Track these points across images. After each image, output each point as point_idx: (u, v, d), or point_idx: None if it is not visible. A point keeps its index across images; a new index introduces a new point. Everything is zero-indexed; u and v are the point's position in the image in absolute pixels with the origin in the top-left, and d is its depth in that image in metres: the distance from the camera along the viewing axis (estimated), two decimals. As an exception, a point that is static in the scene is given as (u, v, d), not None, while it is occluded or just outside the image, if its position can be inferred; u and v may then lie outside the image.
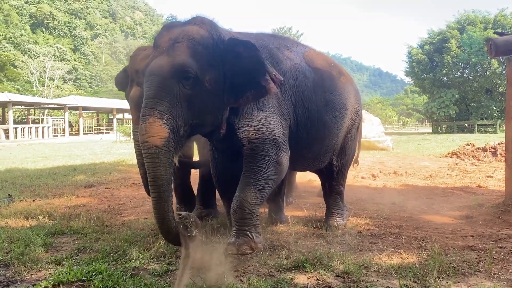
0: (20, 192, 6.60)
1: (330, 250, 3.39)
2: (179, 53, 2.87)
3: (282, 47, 3.67)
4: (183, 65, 2.83)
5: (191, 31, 2.98)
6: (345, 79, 4.14)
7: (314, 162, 4.03)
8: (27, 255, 3.34)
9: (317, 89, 3.67)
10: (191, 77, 2.86)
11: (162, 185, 2.76)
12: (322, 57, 4.09)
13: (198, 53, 2.92)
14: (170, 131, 2.77)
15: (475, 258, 3.21)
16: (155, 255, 3.31)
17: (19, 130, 32.22)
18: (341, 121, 3.97)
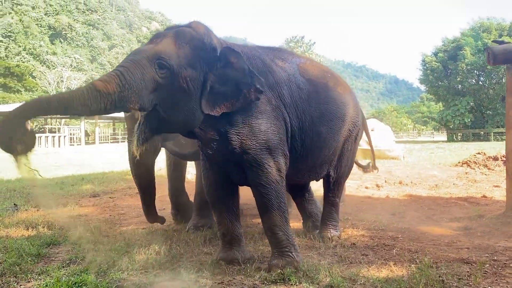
0: (25, 202, 6.70)
1: (319, 262, 3.37)
2: (163, 43, 2.94)
3: (276, 59, 3.66)
4: (161, 53, 2.87)
5: (183, 31, 3.04)
6: (342, 89, 4.10)
7: (310, 174, 4.00)
8: (18, 265, 3.39)
9: (311, 101, 3.64)
10: (166, 67, 2.86)
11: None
12: (318, 67, 4.05)
13: (182, 50, 2.95)
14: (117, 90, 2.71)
15: (466, 271, 3.16)
16: (144, 267, 3.32)
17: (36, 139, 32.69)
18: (337, 132, 3.94)
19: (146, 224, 4.90)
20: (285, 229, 3.33)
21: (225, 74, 3.07)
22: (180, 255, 3.59)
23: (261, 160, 3.24)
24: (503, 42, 4.80)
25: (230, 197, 3.58)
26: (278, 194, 3.30)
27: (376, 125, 15.35)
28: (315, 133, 3.68)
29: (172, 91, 2.91)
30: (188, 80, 2.94)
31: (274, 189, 3.27)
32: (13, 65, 52.62)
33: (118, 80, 2.72)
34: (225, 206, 3.54)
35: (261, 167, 3.24)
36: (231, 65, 3.08)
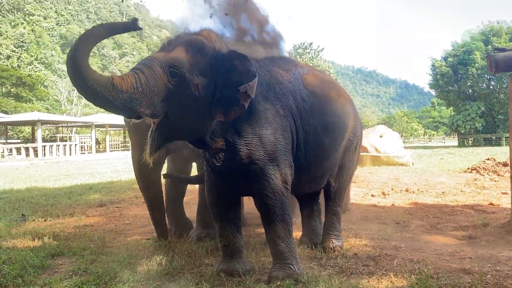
0: (33, 212, 6.78)
1: (319, 274, 3.37)
2: (175, 51, 2.97)
3: (281, 69, 3.67)
4: (173, 60, 2.90)
5: (195, 39, 3.07)
6: (344, 100, 4.13)
7: (311, 185, 4.00)
8: (21, 277, 3.44)
9: (315, 112, 3.66)
10: (178, 75, 2.89)
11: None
12: (320, 78, 4.07)
13: (194, 58, 2.98)
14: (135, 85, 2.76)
15: (467, 282, 3.13)
16: (145, 278, 3.35)
17: (47, 148, 33.10)
18: (339, 143, 3.96)
19: (150, 235, 4.94)
20: (288, 241, 3.32)
21: (230, 78, 3.05)
22: (181, 267, 3.60)
23: (268, 171, 3.25)
24: (504, 49, 4.76)
25: (232, 209, 3.57)
26: (283, 205, 3.30)
27: (385, 131, 15.29)
28: (318, 144, 3.69)
29: (183, 98, 2.94)
30: (199, 88, 2.96)
31: (279, 201, 3.28)
32: (24, 75, 53.35)
33: (133, 81, 2.76)
34: (227, 218, 3.54)
35: (268, 178, 3.25)
36: (235, 68, 3.07)
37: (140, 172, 4.32)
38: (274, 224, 3.28)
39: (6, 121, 34.84)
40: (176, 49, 2.99)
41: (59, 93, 55.88)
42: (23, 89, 49.11)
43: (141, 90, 2.78)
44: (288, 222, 3.33)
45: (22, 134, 45.23)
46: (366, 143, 13.75)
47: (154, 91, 2.83)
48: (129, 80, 2.75)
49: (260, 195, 3.29)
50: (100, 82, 2.67)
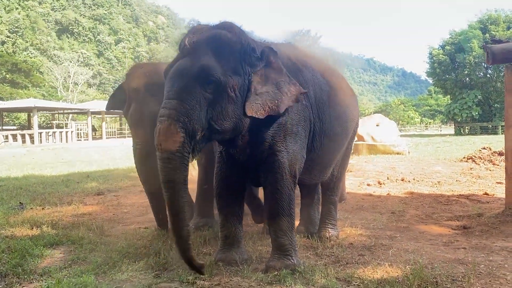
0: (31, 200, 6.79)
1: (316, 263, 3.42)
2: (203, 55, 2.80)
3: (299, 57, 3.63)
4: (206, 68, 2.77)
5: (219, 34, 2.91)
6: (351, 92, 4.24)
7: (320, 174, 3.97)
8: (21, 266, 3.47)
9: (330, 102, 3.67)
10: (214, 81, 2.79)
11: (178, 187, 2.76)
12: (332, 69, 4.12)
13: (223, 57, 2.85)
14: (186, 135, 2.72)
15: (461, 272, 3.19)
16: (143, 267, 3.39)
17: (43, 134, 33.03)
18: (348, 133, 4.05)
19: (148, 224, 4.97)
20: (290, 234, 3.34)
21: (266, 75, 3.04)
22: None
23: (283, 164, 3.23)
24: (501, 41, 4.78)
25: (238, 202, 3.57)
26: (290, 199, 3.30)
27: (381, 120, 15.34)
28: (332, 134, 3.71)
29: (222, 102, 2.86)
30: (235, 88, 2.90)
31: (288, 195, 3.27)
32: (20, 60, 52.91)
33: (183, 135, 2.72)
34: (232, 210, 3.54)
35: (281, 172, 3.23)
36: (271, 65, 3.06)
37: (141, 164, 4.32)
38: (279, 217, 3.27)
39: (2, 107, 34.66)
40: (201, 51, 2.83)
41: (55, 80, 55.58)
42: (19, 75, 48.74)
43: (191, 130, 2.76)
44: (292, 216, 3.35)
45: (18, 121, 45.07)
46: (362, 132, 13.82)
47: (199, 113, 2.78)
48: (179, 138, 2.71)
49: (271, 188, 3.27)
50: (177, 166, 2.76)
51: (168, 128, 2.68)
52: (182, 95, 2.74)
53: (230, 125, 2.96)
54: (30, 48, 73.15)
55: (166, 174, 2.73)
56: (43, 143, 31.77)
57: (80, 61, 66.48)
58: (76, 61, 63.11)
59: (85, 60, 72.36)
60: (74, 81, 55.86)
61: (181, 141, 2.69)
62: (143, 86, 4.20)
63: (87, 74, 60.20)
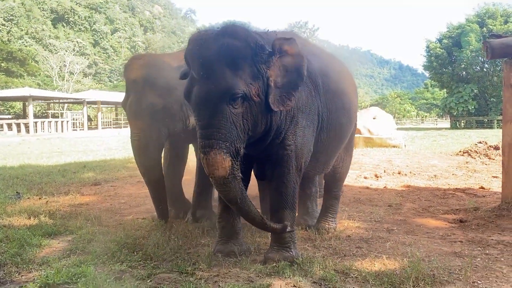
0: (28, 190, 6.78)
1: (314, 255, 3.44)
2: (221, 75, 2.76)
3: (306, 47, 3.58)
4: (230, 88, 2.74)
5: (227, 45, 2.81)
6: (353, 81, 4.22)
7: (324, 166, 3.96)
8: (20, 256, 3.47)
9: (336, 91, 3.66)
10: (239, 97, 2.78)
11: (242, 203, 2.90)
12: (333, 58, 4.11)
13: (239, 69, 2.81)
14: (232, 158, 2.80)
15: (457, 265, 3.22)
16: (142, 258, 3.39)
17: (39, 124, 32.91)
18: (352, 123, 4.05)
19: (146, 214, 4.98)
20: (292, 227, 3.34)
21: (284, 65, 3.03)
22: (178, 247, 3.64)
23: (291, 158, 3.24)
24: (500, 36, 4.79)
25: None
26: (294, 193, 3.33)
27: (378, 113, 15.36)
28: (338, 125, 3.70)
29: (251, 111, 2.88)
30: (259, 92, 2.89)
31: (292, 189, 3.30)
32: (15, 49, 52.48)
33: (230, 159, 2.79)
34: None
35: (289, 166, 3.24)
36: (287, 53, 3.04)
37: (140, 156, 4.31)
38: (282, 210, 3.29)
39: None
40: (217, 68, 2.78)
41: (50, 69, 55.23)
42: (14, 64, 48.37)
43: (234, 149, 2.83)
44: (294, 210, 3.38)
45: (13, 110, 44.80)
46: (359, 125, 13.82)
47: (235, 132, 2.82)
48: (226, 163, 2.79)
49: (277, 181, 3.28)
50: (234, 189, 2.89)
51: (215, 159, 2.75)
52: (215, 121, 2.76)
53: (262, 126, 3.02)
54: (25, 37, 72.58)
55: (228, 197, 2.90)
56: (39, 132, 31.67)
57: (76, 50, 66.07)
58: (72, 50, 62.70)
59: (80, 49, 71.92)
60: (70, 70, 55.55)
61: (229, 165, 2.78)
62: (141, 78, 4.19)
63: (83, 63, 59.88)
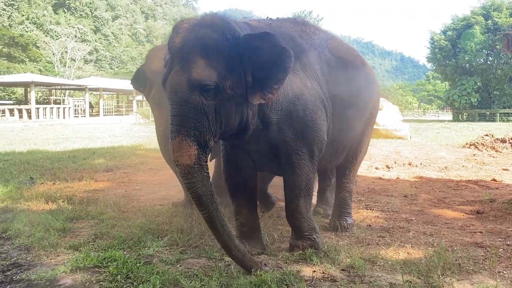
0: (41, 175, 6.81)
1: (338, 243, 3.48)
2: (194, 65, 2.69)
3: (305, 35, 3.49)
4: (201, 79, 2.66)
5: (203, 36, 2.72)
6: (368, 70, 4.01)
7: (332, 158, 3.84)
8: (46, 239, 3.50)
9: (341, 81, 3.51)
10: (211, 88, 2.69)
11: (206, 200, 2.74)
12: (345, 46, 3.97)
13: (213, 60, 2.72)
14: (199, 147, 2.70)
15: (481, 255, 3.26)
16: (168, 243, 3.44)
17: (41, 110, 32.88)
18: (362, 115, 3.86)
19: (163, 201, 5.02)
20: (308, 215, 3.31)
21: (260, 59, 2.86)
22: (202, 233, 3.68)
23: (296, 148, 3.15)
24: (523, 28, 4.81)
25: (251, 186, 3.45)
26: (309, 182, 3.25)
27: (384, 104, 15.34)
28: (344, 116, 3.56)
29: (224, 104, 2.78)
30: (233, 86, 2.78)
31: (305, 177, 3.21)
32: (17, 34, 52.24)
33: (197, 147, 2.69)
34: (245, 194, 3.42)
35: (296, 156, 3.16)
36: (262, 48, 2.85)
37: (165, 145, 4.31)
38: (297, 200, 3.24)
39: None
40: (190, 59, 2.70)
41: (51, 55, 55.00)
42: (16, 49, 48.16)
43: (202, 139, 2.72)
44: (310, 197, 3.33)
45: (15, 96, 44.72)
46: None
47: (205, 123, 2.72)
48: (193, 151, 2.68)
49: (288, 172, 3.23)
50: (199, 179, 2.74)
51: (180, 144, 2.66)
52: (184, 109, 2.69)
53: (237, 121, 2.91)
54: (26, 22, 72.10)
55: (192, 190, 2.73)
56: (40, 118, 31.65)
57: (77, 36, 65.72)
58: (74, 36, 62.40)
59: (82, 35, 71.57)
60: (72, 57, 55.34)
61: (195, 154, 2.68)
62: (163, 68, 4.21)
63: (84, 50, 59.65)
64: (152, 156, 8.77)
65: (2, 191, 5.51)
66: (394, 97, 57.43)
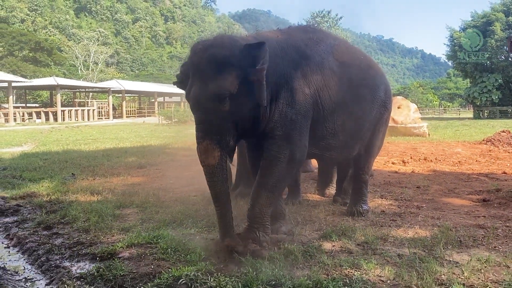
0: (81, 172, 7.43)
1: (354, 225, 3.96)
2: (211, 79, 3.20)
3: (311, 42, 3.92)
4: (217, 91, 3.17)
5: (215, 55, 3.22)
6: (374, 73, 4.41)
7: (343, 151, 4.27)
8: (101, 223, 4.09)
9: (344, 83, 3.94)
10: (226, 96, 3.18)
11: (223, 198, 3.31)
12: (352, 50, 4.39)
13: (225, 73, 3.20)
14: (221, 149, 3.22)
15: (481, 234, 3.70)
16: (206, 225, 3.98)
17: (66, 112, 33.98)
18: (368, 113, 4.27)
19: (197, 192, 5.53)
20: (264, 210, 3.54)
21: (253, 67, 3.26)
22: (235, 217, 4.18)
23: (280, 148, 3.52)
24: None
25: None
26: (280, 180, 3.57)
27: (403, 102, 15.69)
28: (347, 114, 3.99)
29: (239, 108, 3.28)
30: (244, 91, 3.26)
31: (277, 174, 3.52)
32: (43, 39, 53.70)
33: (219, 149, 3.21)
34: None
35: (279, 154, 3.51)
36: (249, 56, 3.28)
37: None
38: (262, 190, 3.53)
39: (27, 85, 35.63)
40: (209, 77, 3.20)
41: (75, 58, 56.40)
42: (42, 53, 49.59)
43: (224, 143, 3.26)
44: (274, 196, 3.61)
45: (40, 99, 46.12)
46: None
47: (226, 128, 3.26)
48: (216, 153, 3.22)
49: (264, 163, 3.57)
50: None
51: (206, 148, 3.21)
52: (207, 118, 3.26)
53: (251, 120, 3.43)
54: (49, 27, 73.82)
55: (212, 188, 3.30)
56: (66, 120, 32.71)
57: (99, 40, 67.13)
58: (96, 40, 63.79)
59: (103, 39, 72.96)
60: (94, 60, 56.66)
61: (218, 155, 3.23)
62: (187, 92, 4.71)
63: (107, 53, 60.97)
64: (181, 154, 9.36)
65: (49, 186, 6.14)
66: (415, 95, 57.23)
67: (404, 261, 3.05)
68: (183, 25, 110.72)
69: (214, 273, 2.86)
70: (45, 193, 5.67)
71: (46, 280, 3.08)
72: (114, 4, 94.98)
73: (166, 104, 50.36)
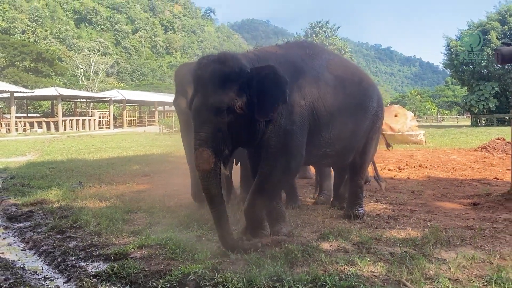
0: (87, 180, 7.69)
1: (350, 227, 4.21)
2: (211, 93, 3.46)
3: (307, 58, 4.23)
4: (216, 103, 3.43)
5: (217, 70, 3.48)
6: (366, 85, 4.70)
7: (339, 159, 4.62)
8: (112, 226, 4.35)
9: (338, 95, 4.24)
10: (224, 109, 3.44)
11: (217, 200, 3.52)
12: (345, 64, 4.72)
13: (225, 88, 3.46)
14: (215, 156, 3.45)
15: (469, 234, 3.95)
16: (211, 228, 4.20)
17: (67, 122, 34.30)
18: (362, 122, 4.56)
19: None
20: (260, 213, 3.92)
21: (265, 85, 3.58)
22: (237, 221, 4.44)
23: (276, 157, 3.80)
24: (510, 44, 5.49)
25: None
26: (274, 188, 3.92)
27: (399, 110, 15.97)
28: (342, 123, 4.29)
29: (236, 121, 3.54)
30: (242, 106, 3.55)
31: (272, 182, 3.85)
32: (44, 50, 54.10)
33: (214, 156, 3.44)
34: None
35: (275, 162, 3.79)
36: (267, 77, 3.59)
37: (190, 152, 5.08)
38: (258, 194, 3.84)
39: (28, 95, 35.97)
40: (210, 91, 3.46)
41: (75, 69, 56.78)
42: (43, 64, 49.99)
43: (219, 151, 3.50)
44: (270, 200, 3.97)
45: (42, 109, 46.44)
46: (381, 122, 14.44)
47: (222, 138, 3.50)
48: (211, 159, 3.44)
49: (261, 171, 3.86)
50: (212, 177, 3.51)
51: (201, 154, 3.44)
52: (205, 127, 3.47)
53: (247, 134, 3.70)
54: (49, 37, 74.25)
55: (207, 191, 3.52)
56: (67, 130, 32.99)
57: (101, 50, 67.60)
58: (97, 50, 64.23)
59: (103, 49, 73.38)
60: (95, 70, 57.07)
61: (213, 162, 3.45)
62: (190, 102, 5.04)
63: (107, 63, 61.38)
64: (183, 162, 9.58)
65: (58, 193, 6.39)
66: (413, 103, 57.66)
67: (395, 258, 3.30)
68: (183, 35, 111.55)
69: (220, 270, 3.11)
70: (55, 199, 5.92)
71: (64, 279, 3.33)
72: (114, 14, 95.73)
73: (166, 113, 50.74)
